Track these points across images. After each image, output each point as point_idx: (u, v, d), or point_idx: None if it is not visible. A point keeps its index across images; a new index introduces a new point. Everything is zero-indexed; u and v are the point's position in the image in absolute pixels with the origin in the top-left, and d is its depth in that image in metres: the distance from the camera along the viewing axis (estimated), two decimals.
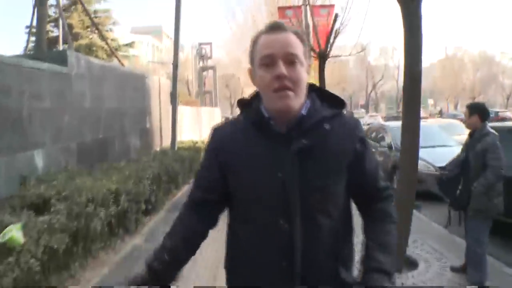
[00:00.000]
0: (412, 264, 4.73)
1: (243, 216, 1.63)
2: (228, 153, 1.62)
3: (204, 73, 45.92)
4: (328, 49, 12.19)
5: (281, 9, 15.69)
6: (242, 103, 1.71)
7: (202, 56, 44.32)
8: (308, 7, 13.48)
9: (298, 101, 1.54)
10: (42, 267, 3.47)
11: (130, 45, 23.65)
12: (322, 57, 12.06)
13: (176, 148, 12.27)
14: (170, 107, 13.79)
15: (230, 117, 25.46)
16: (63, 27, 12.18)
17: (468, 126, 4.44)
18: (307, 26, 13.33)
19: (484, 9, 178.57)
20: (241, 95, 70.70)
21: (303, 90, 1.57)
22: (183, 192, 9.32)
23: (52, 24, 19.82)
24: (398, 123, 5.86)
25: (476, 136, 4.21)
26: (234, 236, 1.67)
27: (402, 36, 4.70)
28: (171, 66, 13.17)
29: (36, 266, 3.28)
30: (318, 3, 15.84)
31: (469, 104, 4.48)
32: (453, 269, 4.60)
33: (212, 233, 1.70)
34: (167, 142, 13.59)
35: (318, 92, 1.69)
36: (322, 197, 1.54)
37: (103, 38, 14.71)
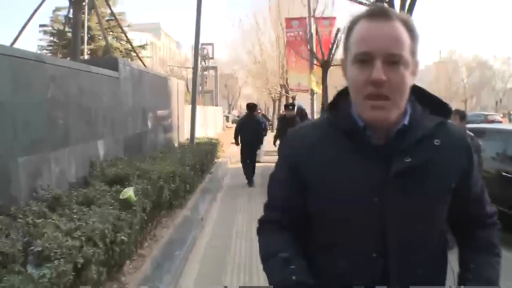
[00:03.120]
0: None
1: (325, 244, 1.38)
2: (311, 168, 1.35)
3: (205, 72, 47.35)
4: (331, 59, 13.79)
5: (288, 20, 17.16)
6: (332, 104, 1.43)
7: (203, 56, 45.74)
8: (312, 19, 15.04)
9: (396, 111, 1.26)
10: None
11: (143, 46, 25.16)
12: (325, 66, 13.65)
13: (194, 143, 13.77)
14: (185, 106, 15.41)
15: (230, 115, 26.70)
16: (105, 38, 13.56)
17: None
18: (311, 36, 14.86)
19: (479, 13, 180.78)
20: (239, 95, 72.23)
21: (405, 98, 1.27)
22: (209, 177, 11.11)
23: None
24: None
25: None
26: (322, 251, 1.39)
27: None
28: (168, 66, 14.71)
29: (144, 215, 4.84)
30: (320, 14, 17.37)
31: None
32: None
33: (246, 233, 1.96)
34: (182, 138, 15.09)
35: (417, 94, 1.39)
36: (425, 228, 1.30)
37: (128, 41, 16.08)
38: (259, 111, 11.73)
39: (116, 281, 4.25)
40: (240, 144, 11.34)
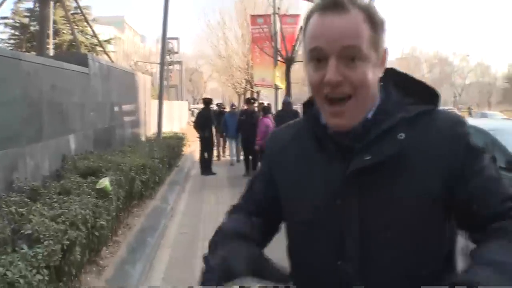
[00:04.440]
0: None
1: (293, 249, 1.33)
2: (280, 169, 1.32)
3: (170, 67, 47.32)
4: (294, 55, 14.32)
5: (253, 17, 17.55)
6: (306, 103, 1.34)
7: (169, 51, 45.70)
8: (277, 16, 15.50)
9: (360, 112, 1.15)
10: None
11: (108, 41, 25.13)
12: (289, 62, 14.18)
13: (161, 137, 14.07)
14: (151, 101, 15.74)
15: (195, 110, 26.91)
16: (73, 34, 13.65)
17: None
18: (275, 33, 15.33)
19: (440, 11, 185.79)
20: (204, 89, 72.26)
21: (369, 95, 1.15)
22: (177, 170, 11.49)
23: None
24: None
25: None
26: (291, 256, 1.34)
27: None
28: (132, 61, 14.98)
29: (119, 204, 5.22)
30: (284, 12, 17.85)
31: None
32: None
33: None
34: (149, 132, 15.37)
35: (398, 79, 1.24)
36: (394, 235, 1.11)
37: (95, 35, 16.18)
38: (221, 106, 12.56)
39: (94, 264, 4.62)
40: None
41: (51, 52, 14.90)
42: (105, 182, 5.11)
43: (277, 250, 1.36)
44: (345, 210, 1.15)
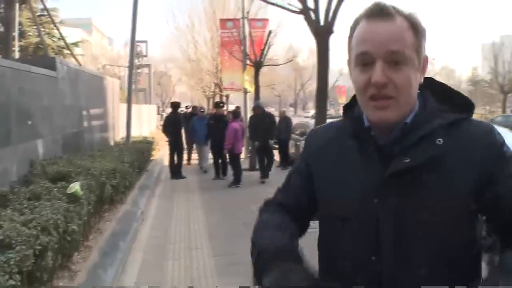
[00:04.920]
0: None
1: (328, 243, 1.39)
2: (318, 168, 1.41)
3: (139, 70, 46.87)
4: (263, 59, 14.44)
5: (222, 21, 17.61)
6: (347, 106, 1.42)
7: (137, 54, 45.24)
8: (246, 20, 15.60)
9: (402, 110, 1.23)
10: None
11: (76, 44, 24.74)
12: (257, 66, 14.30)
13: (130, 141, 13.96)
14: (120, 105, 15.62)
15: (164, 114, 26.73)
16: (40, 37, 13.41)
17: None
18: (244, 37, 15.42)
19: None
20: (172, 93, 71.78)
21: (411, 97, 1.23)
22: (147, 174, 11.48)
23: None
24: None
25: None
26: (325, 253, 1.42)
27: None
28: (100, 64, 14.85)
29: (90, 208, 5.21)
30: (253, 16, 17.98)
31: None
32: None
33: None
34: (118, 137, 15.25)
35: (435, 88, 1.34)
36: (426, 234, 1.19)
37: (62, 38, 15.94)
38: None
39: (66, 270, 4.61)
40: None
41: (17, 55, 14.60)
42: (75, 187, 5.10)
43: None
44: (382, 208, 1.22)
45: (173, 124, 12.44)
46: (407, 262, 1.20)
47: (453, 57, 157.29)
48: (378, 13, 1.20)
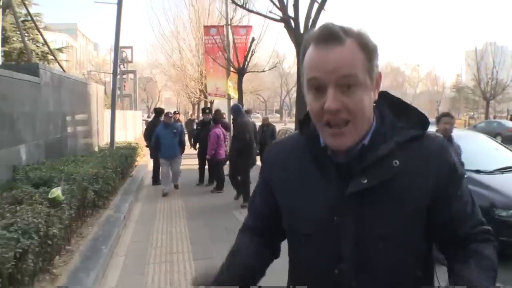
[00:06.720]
0: None
1: (295, 259, 1.46)
2: (279, 185, 1.44)
3: (124, 76, 46.78)
4: (246, 66, 14.58)
5: (206, 28, 17.73)
6: (302, 121, 1.43)
7: (122, 60, 45.18)
8: (229, 27, 15.75)
9: (358, 133, 1.26)
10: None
11: (60, 49, 24.68)
12: (241, 73, 14.44)
13: (114, 147, 13.99)
14: (105, 111, 15.66)
15: (149, 120, 26.80)
16: (24, 43, 13.39)
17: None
18: (228, 44, 15.57)
19: (391, 22, 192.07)
20: (158, 98, 71.72)
21: (366, 117, 1.26)
22: (131, 179, 11.57)
23: None
24: None
25: None
26: (292, 264, 1.49)
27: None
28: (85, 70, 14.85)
29: (72, 213, 5.28)
30: (237, 23, 18.11)
31: None
32: None
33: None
34: (102, 142, 15.28)
35: (390, 102, 1.38)
36: (388, 250, 1.26)
37: (46, 43, 15.93)
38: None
39: (47, 273, 4.68)
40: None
41: (0, 61, 14.56)
42: (57, 192, 5.18)
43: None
44: (342, 225, 1.28)
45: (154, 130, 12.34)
46: (369, 273, 1.27)
47: (438, 64, 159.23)
48: (327, 37, 1.20)
